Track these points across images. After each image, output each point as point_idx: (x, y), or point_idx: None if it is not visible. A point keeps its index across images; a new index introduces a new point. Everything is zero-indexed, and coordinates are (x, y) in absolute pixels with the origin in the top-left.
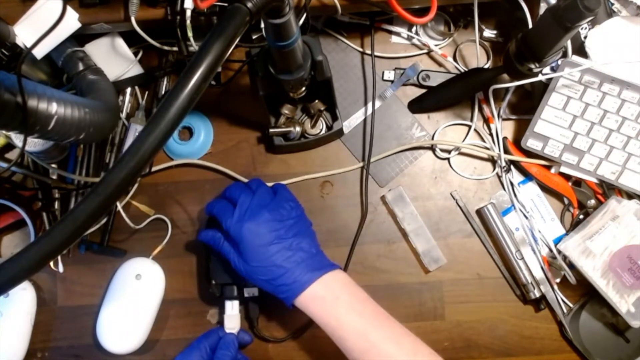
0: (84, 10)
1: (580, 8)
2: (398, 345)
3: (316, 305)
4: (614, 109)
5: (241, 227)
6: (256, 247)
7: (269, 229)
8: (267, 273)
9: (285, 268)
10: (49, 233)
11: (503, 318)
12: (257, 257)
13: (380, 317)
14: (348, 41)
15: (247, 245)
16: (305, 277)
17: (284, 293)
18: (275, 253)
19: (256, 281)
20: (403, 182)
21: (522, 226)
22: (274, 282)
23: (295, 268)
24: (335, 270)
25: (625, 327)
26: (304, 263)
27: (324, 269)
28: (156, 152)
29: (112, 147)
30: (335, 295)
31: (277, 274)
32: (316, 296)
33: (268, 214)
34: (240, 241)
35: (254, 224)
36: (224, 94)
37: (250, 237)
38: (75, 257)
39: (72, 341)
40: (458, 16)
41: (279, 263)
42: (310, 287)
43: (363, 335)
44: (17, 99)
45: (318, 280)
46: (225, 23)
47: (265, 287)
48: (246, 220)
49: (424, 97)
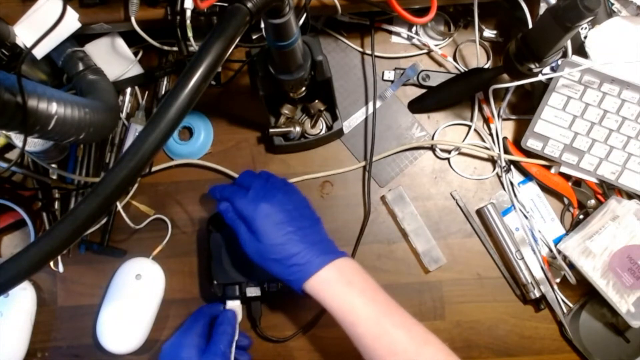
0: (84, 10)
1: (580, 8)
2: (409, 333)
3: (328, 289)
4: (614, 109)
5: (257, 206)
6: (271, 225)
7: (283, 208)
8: (281, 251)
9: (299, 247)
10: (49, 233)
11: (503, 318)
12: (270, 235)
13: (391, 304)
14: (348, 41)
15: (261, 223)
16: (319, 259)
17: (294, 274)
18: (290, 232)
19: (266, 261)
20: (403, 182)
21: (522, 226)
22: (287, 262)
23: (309, 249)
24: (346, 256)
25: (625, 327)
26: (318, 245)
27: (336, 253)
28: (156, 152)
29: (112, 147)
30: (348, 279)
31: (290, 253)
32: (329, 280)
33: (282, 195)
34: (255, 219)
35: (269, 204)
36: (224, 94)
37: (264, 215)
38: (75, 257)
39: (72, 341)
40: (458, 16)
41: (293, 242)
42: (323, 269)
43: (375, 321)
44: (17, 99)
45: (331, 263)
46: (225, 23)
47: (275, 269)
48: (261, 199)
49: (424, 97)
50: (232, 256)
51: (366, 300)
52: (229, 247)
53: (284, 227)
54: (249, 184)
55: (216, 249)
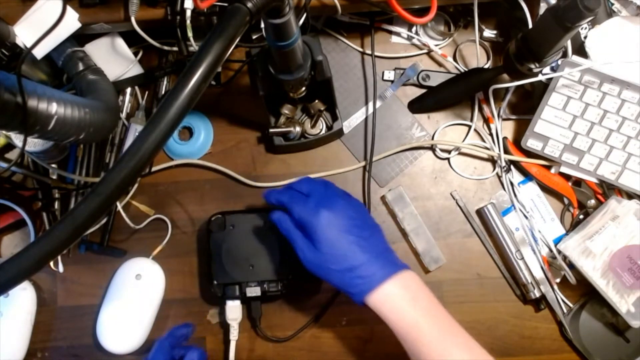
0: (84, 10)
1: (580, 8)
2: (471, 355)
3: (392, 305)
4: (614, 109)
5: (317, 213)
6: (333, 234)
7: (346, 215)
8: (343, 262)
9: (363, 259)
10: (49, 233)
11: (503, 318)
12: (333, 245)
13: (453, 324)
14: (348, 41)
15: (323, 232)
16: (383, 271)
17: (357, 287)
18: (353, 242)
19: (326, 271)
20: (403, 182)
21: (522, 226)
22: (350, 273)
23: (373, 260)
24: (409, 269)
25: (625, 327)
26: (382, 256)
27: (400, 265)
28: (156, 152)
29: (112, 147)
30: (412, 295)
31: (354, 264)
32: (393, 295)
33: (344, 202)
34: (316, 228)
35: (331, 212)
36: (224, 94)
37: (326, 224)
38: (75, 257)
39: (72, 341)
40: (458, 16)
41: (357, 253)
42: (387, 283)
43: (438, 341)
44: (17, 99)
45: (395, 277)
46: (225, 23)
47: (336, 279)
48: (323, 207)
49: (424, 97)
50: (232, 256)
51: (430, 319)
52: (229, 247)
53: (347, 236)
54: (307, 191)
55: (216, 249)
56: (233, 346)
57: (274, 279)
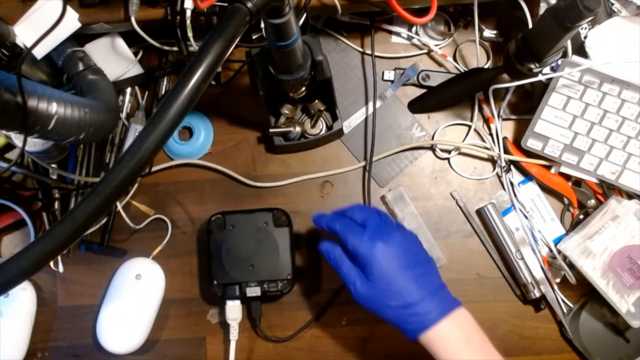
0: (84, 10)
1: (580, 8)
2: None
3: (447, 345)
4: (614, 109)
5: (374, 246)
6: (390, 269)
7: (402, 251)
8: (398, 298)
9: (419, 296)
10: (48, 233)
11: (503, 318)
12: (389, 280)
13: None
14: (348, 41)
15: (380, 267)
16: (438, 309)
17: (412, 324)
18: (410, 278)
19: (380, 306)
20: (403, 182)
21: (522, 226)
22: (405, 310)
23: (429, 298)
24: (462, 306)
25: (625, 327)
26: (437, 294)
27: (454, 303)
28: (156, 152)
29: (112, 147)
30: (467, 335)
31: (409, 301)
32: (448, 335)
33: (400, 235)
34: (371, 261)
35: (387, 245)
36: (224, 94)
37: (383, 258)
38: (75, 257)
39: (72, 341)
40: (458, 16)
41: (413, 289)
42: (442, 323)
43: None
44: (17, 99)
45: (450, 316)
46: (225, 23)
47: (389, 315)
48: (379, 240)
49: (424, 97)
50: (232, 256)
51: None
52: (229, 247)
53: (403, 271)
54: (362, 220)
55: (216, 249)
56: (233, 346)
57: (274, 279)
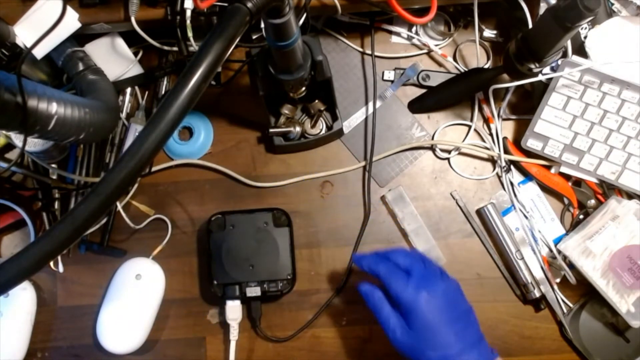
0: (84, 10)
1: (580, 8)
2: None
3: None
4: (614, 109)
5: (418, 296)
6: (433, 320)
7: (446, 302)
8: (439, 349)
9: (459, 348)
10: (48, 233)
11: (503, 318)
12: (431, 331)
13: None
14: (348, 41)
15: (422, 317)
16: None
17: None
18: (451, 329)
19: (420, 355)
20: (403, 182)
21: (522, 226)
22: None
23: (469, 350)
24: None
25: (625, 327)
26: (476, 347)
27: (492, 356)
28: (156, 152)
29: (112, 147)
30: None
31: (449, 353)
32: None
33: (444, 284)
34: (415, 311)
35: (431, 295)
36: (224, 94)
37: (427, 308)
38: (75, 257)
39: (72, 341)
40: (458, 16)
41: (454, 341)
42: None
43: None
44: (17, 99)
45: None
46: (225, 23)
47: None
48: (423, 289)
49: (424, 97)
50: (232, 256)
51: None
52: (229, 247)
53: (446, 322)
54: (405, 266)
55: (216, 249)
56: (233, 346)
57: (274, 279)
